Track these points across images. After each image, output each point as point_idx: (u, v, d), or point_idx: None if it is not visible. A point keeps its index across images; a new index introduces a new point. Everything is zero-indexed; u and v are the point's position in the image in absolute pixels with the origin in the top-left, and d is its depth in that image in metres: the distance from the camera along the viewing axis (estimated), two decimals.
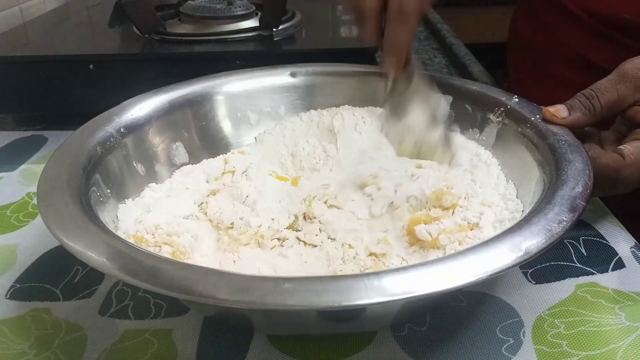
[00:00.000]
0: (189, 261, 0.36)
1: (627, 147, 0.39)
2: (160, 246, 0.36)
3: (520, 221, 0.30)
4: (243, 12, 0.70)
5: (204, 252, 0.37)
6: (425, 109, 0.45)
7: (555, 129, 0.40)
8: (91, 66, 0.61)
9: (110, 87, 0.61)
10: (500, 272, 0.27)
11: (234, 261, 0.37)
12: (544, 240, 0.29)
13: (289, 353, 0.34)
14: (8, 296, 0.39)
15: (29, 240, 0.45)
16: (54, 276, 0.41)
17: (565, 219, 0.30)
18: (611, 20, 0.57)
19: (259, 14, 0.71)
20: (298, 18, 0.73)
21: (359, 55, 0.61)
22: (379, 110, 0.49)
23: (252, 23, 0.69)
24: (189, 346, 0.35)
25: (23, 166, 0.57)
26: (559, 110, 0.41)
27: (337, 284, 0.26)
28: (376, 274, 0.26)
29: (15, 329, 0.36)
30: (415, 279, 0.26)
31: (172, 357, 0.34)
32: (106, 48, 0.71)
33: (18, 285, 0.40)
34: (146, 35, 0.67)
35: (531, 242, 0.28)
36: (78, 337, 0.35)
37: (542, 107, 0.42)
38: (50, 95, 0.63)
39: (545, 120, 0.41)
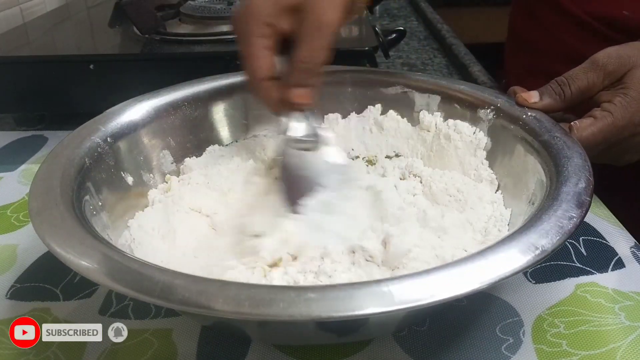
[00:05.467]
0: None
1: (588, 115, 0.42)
2: None
3: (531, 219, 0.30)
4: None
5: None
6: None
7: (547, 124, 0.40)
8: (91, 66, 0.61)
9: (110, 87, 0.61)
10: (519, 271, 0.27)
11: None
12: (558, 237, 0.29)
13: (288, 353, 0.34)
14: (8, 296, 0.39)
15: (29, 240, 0.45)
16: (54, 276, 0.41)
17: (574, 215, 0.30)
18: (610, 19, 0.57)
19: None
20: None
21: (359, 55, 0.61)
22: None
23: None
24: (189, 346, 0.35)
25: (23, 166, 0.57)
26: (531, 96, 0.43)
27: (360, 291, 0.25)
28: (398, 278, 0.26)
29: None
30: (439, 283, 0.26)
31: (172, 357, 0.34)
32: (106, 48, 0.71)
33: (18, 285, 0.40)
34: (146, 35, 0.67)
35: (545, 240, 0.28)
36: None
37: (515, 88, 0.44)
38: (50, 95, 0.63)
39: (517, 104, 0.43)
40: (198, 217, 0.41)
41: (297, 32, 0.38)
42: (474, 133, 0.45)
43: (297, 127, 0.41)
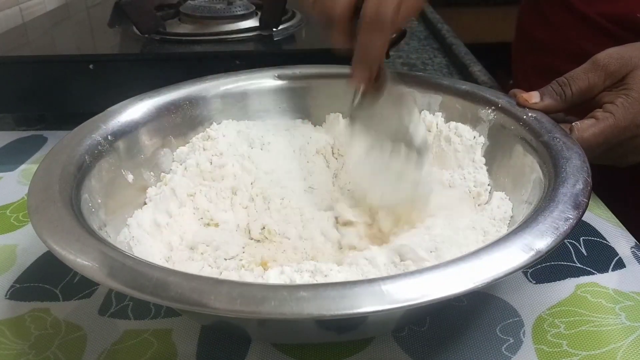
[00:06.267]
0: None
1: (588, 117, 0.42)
2: None
3: (527, 220, 0.30)
4: (243, 12, 0.70)
5: None
6: (397, 122, 0.43)
7: (547, 125, 0.40)
8: (91, 66, 0.61)
9: (110, 87, 0.61)
10: (514, 272, 0.27)
11: None
12: (553, 239, 0.29)
13: (288, 353, 0.34)
14: (8, 296, 0.39)
15: (29, 240, 0.45)
16: (53, 276, 0.41)
17: (570, 216, 0.30)
18: (623, 21, 0.57)
19: (259, 13, 0.71)
20: (298, 18, 0.73)
21: None
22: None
23: (252, 23, 0.69)
24: (189, 346, 0.35)
25: (23, 166, 0.57)
26: (532, 96, 0.43)
27: (352, 290, 0.25)
28: (392, 277, 0.26)
29: (15, 329, 0.36)
30: (432, 282, 0.26)
31: (171, 357, 0.34)
32: (106, 48, 0.71)
33: (18, 285, 0.40)
34: (146, 35, 0.67)
35: (541, 241, 0.28)
36: (78, 337, 0.35)
37: (515, 90, 0.44)
38: (50, 95, 0.63)
39: (518, 105, 0.43)
40: (194, 213, 0.42)
41: None
42: (474, 138, 0.45)
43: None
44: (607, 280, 0.39)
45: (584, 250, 0.42)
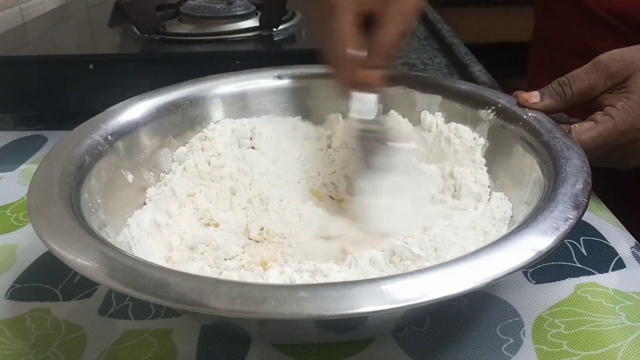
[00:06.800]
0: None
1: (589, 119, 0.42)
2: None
3: (527, 220, 0.30)
4: (243, 12, 0.70)
5: None
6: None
7: (548, 125, 0.40)
8: (91, 66, 0.61)
9: (110, 87, 0.61)
10: (514, 272, 0.27)
11: None
12: (553, 239, 0.29)
13: (288, 354, 0.34)
14: (8, 296, 0.39)
15: (29, 240, 0.45)
16: (53, 276, 0.41)
17: (570, 216, 0.30)
18: (625, 15, 0.57)
19: (259, 13, 0.71)
20: (298, 18, 0.73)
21: None
22: None
23: (252, 23, 0.69)
24: (189, 346, 0.35)
25: (23, 166, 0.57)
26: (532, 96, 0.43)
27: (352, 290, 0.25)
28: (391, 277, 0.26)
29: (15, 329, 0.36)
30: (432, 282, 0.26)
31: (171, 358, 0.34)
32: (106, 48, 0.71)
33: (18, 285, 0.40)
34: (146, 35, 0.67)
35: (541, 241, 0.28)
36: (78, 337, 0.35)
37: (518, 92, 0.44)
38: (50, 95, 0.63)
39: (518, 105, 0.43)
40: (194, 213, 0.42)
41: (381, 14, 0.38)
42: (474, 139, 0.45)
43: (364, 108, 0.42)
44: (607, 280, 0.39)
45: (584, 250, 0.42)
